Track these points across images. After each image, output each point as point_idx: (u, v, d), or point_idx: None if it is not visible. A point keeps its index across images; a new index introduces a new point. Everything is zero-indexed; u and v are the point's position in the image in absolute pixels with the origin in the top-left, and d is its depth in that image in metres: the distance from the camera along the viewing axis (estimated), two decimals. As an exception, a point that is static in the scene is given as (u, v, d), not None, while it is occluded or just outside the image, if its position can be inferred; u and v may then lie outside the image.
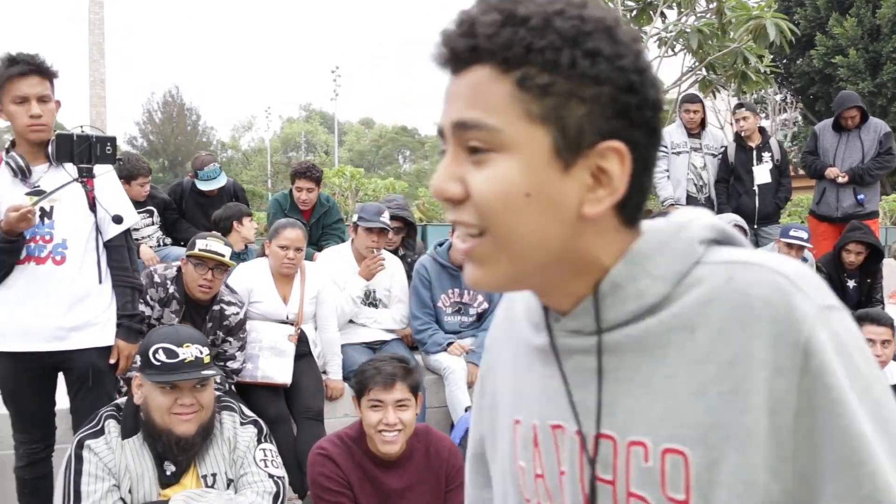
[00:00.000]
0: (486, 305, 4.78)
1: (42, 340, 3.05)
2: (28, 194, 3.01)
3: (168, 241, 5.85)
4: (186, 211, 5.98)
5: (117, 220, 3.11)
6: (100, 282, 3.14)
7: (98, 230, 3.15)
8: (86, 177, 2.99)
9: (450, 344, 4.60)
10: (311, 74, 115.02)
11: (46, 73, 3.04)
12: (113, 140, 3.02)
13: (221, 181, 5.89)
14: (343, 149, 59.22)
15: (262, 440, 2.90)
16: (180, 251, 5.41)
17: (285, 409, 4.06)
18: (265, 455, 2.86)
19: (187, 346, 2.67)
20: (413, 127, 65.02)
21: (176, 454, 2.68)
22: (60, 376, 3.25)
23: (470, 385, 4.42)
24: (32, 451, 3.23)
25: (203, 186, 5.83)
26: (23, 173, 3.03)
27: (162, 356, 2.64)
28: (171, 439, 2.65)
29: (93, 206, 3.11)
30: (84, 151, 2.96)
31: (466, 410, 4.09)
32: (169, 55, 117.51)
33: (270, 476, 2.81)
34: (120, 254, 3.22)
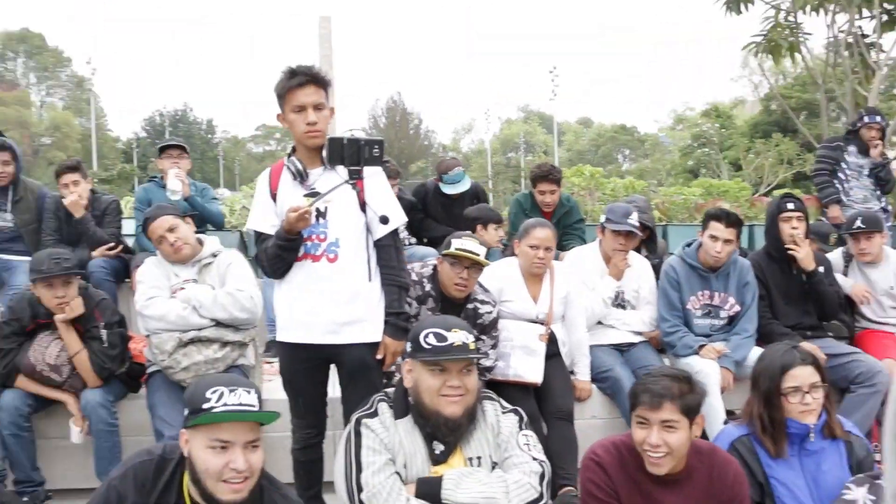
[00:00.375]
0: (737, 308, 4.55)
1: (318, 334, 3.26)
2: (305, 196, 3.18)
3: (413, 240, 6.06)
4: (430, 212, 6.22)
5: (384, 220, 3.23)
6: (369, 280, 3.29)
7: (368, 230, 3.29)
8: (355, 178, 3.12)
9: (701, 346, 4.43)
10: (529, 75, 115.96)
11: (321, 83, 3.23)
12: (381, 143, 3.13)
13: (465, 185, 6.07)
14: (562, 149, 59.14)
15: (523, 427, 2.95)
16: (425, 250, 5.65)
17: (536, 408, 4.08)
18: (527, 440, 2.91)
19: (455, 332, 2.77)
20: (632, 125, 63.65)
21: (444, 434, 2.79)
22: (333, 368, 3.47)
23: (723, 391, 4.24)
24: (307, 436, 3.47)
25: (448, 190, 6.03)
26: (301, 176, 3.23)
27: (432, 340, 2.75)
28: (440, 420, 2.76)
29: (363, 206, 3.26)
30: (353, 154, 3.09)
31: (726, 422, 3.86)
32: (391, 63, 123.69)
33: (534, 458, 2.85)
34: (388, 253, 3.35)
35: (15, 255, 5.35)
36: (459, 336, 2.76)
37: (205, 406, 2.26)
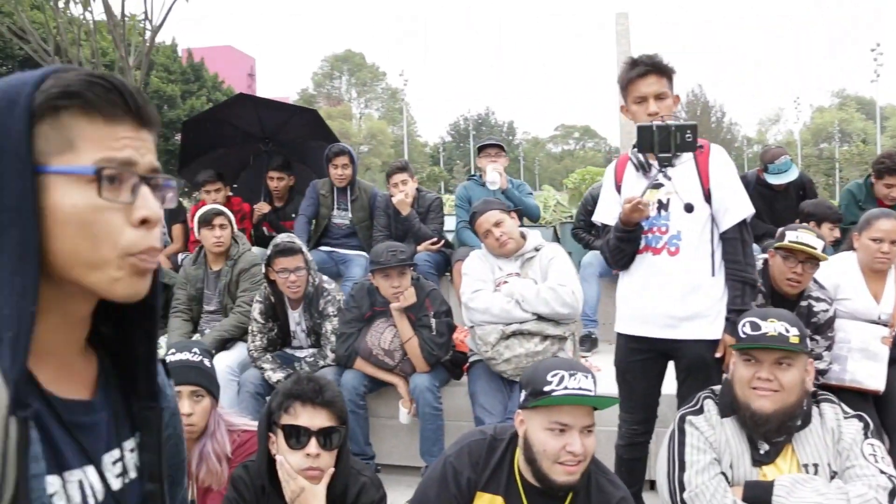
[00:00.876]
0: None
1: (655, 327, 3.18)
2: (648, 188, 3.07)
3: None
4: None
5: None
6: (712, 274, 3.13)
7: (713, 222, 3.15)
8: (665, 165, 2.98)
9: None
10: (847, 57, 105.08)
11: (663, 72, 3.12)
12: (693, 127, 2.96)
13: (793, 174, 5.62)
14: (885, 135, 52.85)
15: (869, 435, 2.67)
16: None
17: (877, 420, 3.64)
18: (874, 450, 2.62)
19: (771, 322, 2.65)
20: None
21: (751, 429, 2.64)
22: (670, 364, 3.33)
23: None
24: (633, 432, 3.38)
25: (773, 180, 5.62)
26: (643, 168, 3.15)
27: (747, 328, 2.66)
28: (747, 414, 2.63)
29: (708, 197, 3.12)
30: (664, 140, 2.94)
31: None
32: (688, 57, 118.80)
33: (882, 472, 2.54)
34: (733, 246, 3.14)
35: (351, 250, 5.90)
36: (776, 326, 2.61)
37: (545, 389, 2.29)
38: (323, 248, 5.93)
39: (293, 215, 6.12)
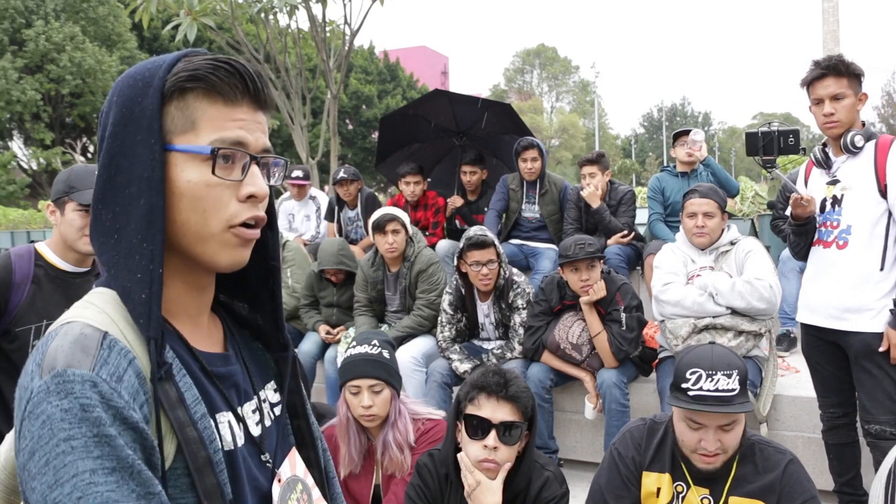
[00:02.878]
0: None
1: (822, 317, 3.35)
2: (828, 184, 3.34)
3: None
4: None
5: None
6: (881, 269, 3.19)
7: (890, 217, 3.19)
8: (769, 168, 3.31)
9: None
10: None
11: (842, 73, 3.21)
12: (796, 132, 3.29)
13: None
14: None
15: None
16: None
17: None
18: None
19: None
20: None
21: None
22: None
23: None
24: (831, 416, 3.54)
25: None
26: (823, 164, 3.38)
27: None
28: None
29: (883, 193, 3.18)
30: (769, 144, 3.29)
31: None
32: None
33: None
34: None
35: (541, 243, 5.91)
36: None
37: (683, 385, 2.35)
38: (513, 241, 5.98)
39: (485, 209, 6.21)
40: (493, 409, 2.37)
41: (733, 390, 2.29)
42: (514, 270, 4.72)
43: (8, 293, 2.50)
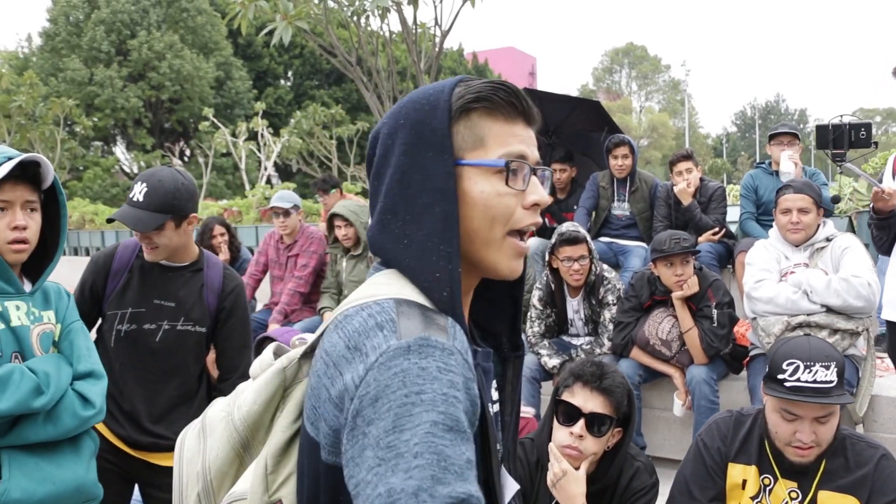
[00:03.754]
0: None
1: None
2: None
3: None
4: None
5: None
6: None
7: None
8: (838, 161, 3.23)
9: None
10: None
11: None
12: (868, 126, 3.22)
13: None
14: None
15: None
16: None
17: None
18: None
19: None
20: None
21: None
22: None
23: None
24: None
25: None
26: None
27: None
28: None
29: None
30: (839, 138, 3.26)
31: None
32: None
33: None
34: None
35: (630, 241, 5.90)
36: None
37: (779, 377, 2.30)
38: (602, 238, 5.98)
39: (574, 207, 6.23)
40: (586, 399, 2.40)
41: (831, 382, 2.24)
42: (605, 267, 4.74)
43: (107, 278, 2.68)
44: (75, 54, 35.06)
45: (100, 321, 2.77)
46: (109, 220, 2.72)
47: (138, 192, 2.55)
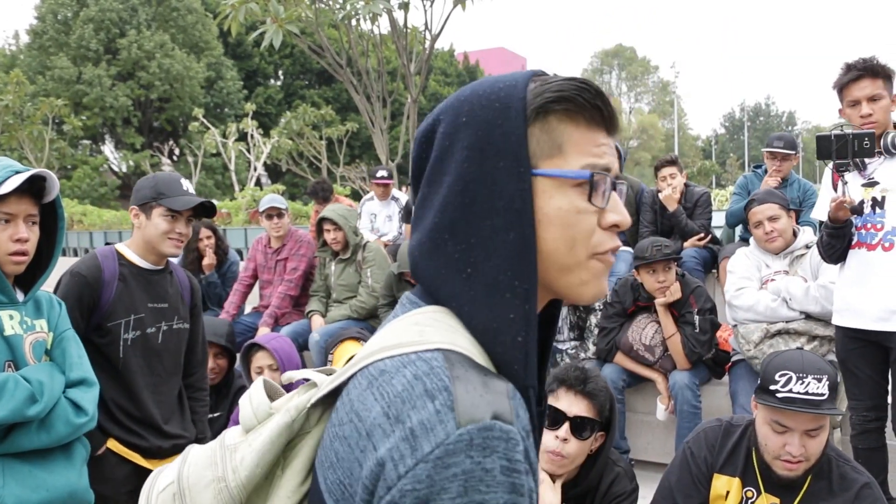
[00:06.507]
0: None
1: (869, 320, 3.26)
2: (864, 185, 3.28)
3: None
4: None
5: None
6: None
7: None
8: (842, 171, 3.16)
9: None
10: None
11: (878, 74, 3.24)
12: (870, 135, 3.14)
13: None
14: None
15: None
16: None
17: None
18: None
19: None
20: None
21: None
22: None
23: None
24: (863, 419, 3.44)
25: None
26: (858, 167, 3.30)
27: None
28: None
29: None
30: (842, 148, 3.15)
31: None
32: None
33: None
34: None
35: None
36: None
37: (771, 388, 2.32)
38: (588, 243, 6.00)
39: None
40: (570, 403, 2.42)
41: (823, 395, 2.26)
42: (590, 272, 4.77)
43: (100, 290, 2.67)
44: (63, 52, 34.88)
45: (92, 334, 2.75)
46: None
47: (188, 186, 2.80)
